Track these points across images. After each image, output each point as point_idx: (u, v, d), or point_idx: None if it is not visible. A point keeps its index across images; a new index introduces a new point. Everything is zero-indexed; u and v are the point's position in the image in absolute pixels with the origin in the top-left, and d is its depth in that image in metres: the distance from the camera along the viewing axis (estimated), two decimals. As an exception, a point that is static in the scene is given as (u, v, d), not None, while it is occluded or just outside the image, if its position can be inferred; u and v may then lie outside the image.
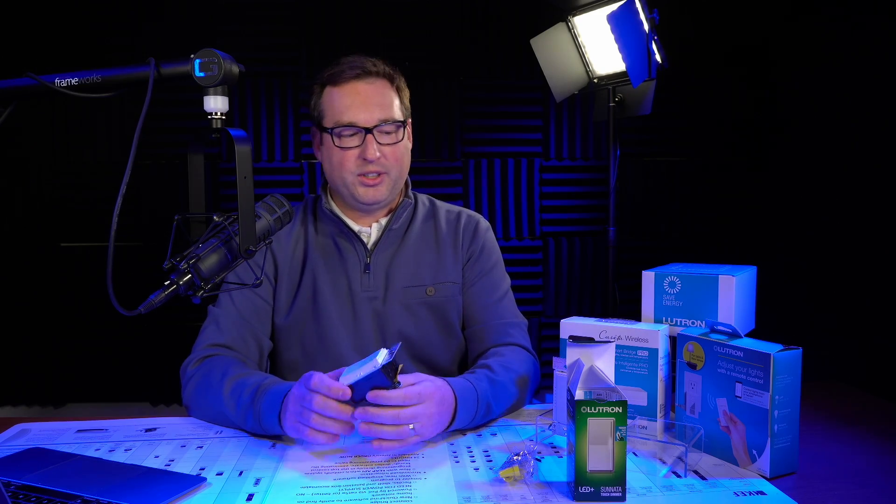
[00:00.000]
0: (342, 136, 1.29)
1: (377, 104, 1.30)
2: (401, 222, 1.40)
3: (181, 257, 0.94)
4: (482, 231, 1.44)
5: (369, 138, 1.28)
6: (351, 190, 1.32)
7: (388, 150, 1.31)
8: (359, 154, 1.29)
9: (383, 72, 1.33)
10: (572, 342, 1.10)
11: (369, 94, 1.30)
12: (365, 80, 1.30)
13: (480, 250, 1.41)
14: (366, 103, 1.29)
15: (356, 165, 1.30)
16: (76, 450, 1.06)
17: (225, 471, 0.98)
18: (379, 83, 1.32)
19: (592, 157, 2.93)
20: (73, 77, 0.93)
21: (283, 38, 2.81)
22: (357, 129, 1.29)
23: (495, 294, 1.40)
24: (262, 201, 1.07)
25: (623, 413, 0.86)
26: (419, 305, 1.35)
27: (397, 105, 1.34)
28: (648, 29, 1.92)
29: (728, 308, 1.09)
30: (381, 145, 1.30)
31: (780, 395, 0.93)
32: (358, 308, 1.34)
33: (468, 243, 1.41)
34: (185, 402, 1.25)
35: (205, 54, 0.92)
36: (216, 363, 1.23)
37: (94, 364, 2.83)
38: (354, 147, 1.29)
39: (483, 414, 1.14)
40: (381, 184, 1.32)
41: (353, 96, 1.29)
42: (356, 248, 1.37)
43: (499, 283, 1.42)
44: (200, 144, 1.01)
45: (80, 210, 2.79)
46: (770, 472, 0.93)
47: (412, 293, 1.35)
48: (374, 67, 1.32)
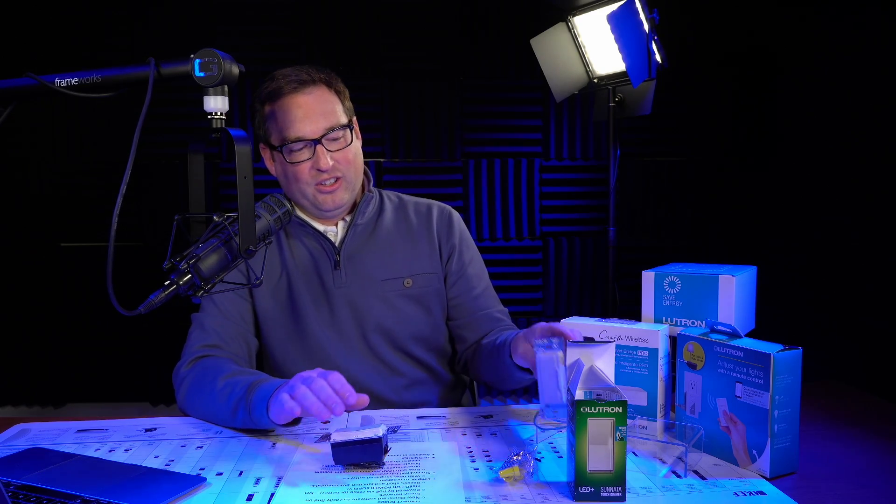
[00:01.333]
0: (293, 151, 1.31)
1: (320, 113, 1.30)
2: (367, 217, 1.42)
3: (181, 257, 0.94)
4: (457, 223, 1.48)
5: (319, 149, 1.29)
6: (311, 200, 1.34)
7: (340, 156, 1.32)
8: (311, 165, 1.31)
9: (319, 79, 1.34)
10: (572, 342, 1.10)
11: (310, 105, 1.30)
12: (303, 91, 1.31)
13: (460, 243, 1.45)
14: (308, 115, 1.29)
15: (311, 176, 1.31)
16: (76, 450, 1.05)
17: (225, 471, 0.98)
18: (317, 91, 1.32)
19: (592, 157, 2.93)
20: (73, 77, 0.93)
21: (283, 38, 2.81)
22: (306, 143, 1.30)
23: (478, 287, 1.45)
24: (262, 201, 1.07)
25: (623, 413, 0.85)
26: (398, 297, 1.38)
27: (340, 109, 1.34)
28: (648, 29, 1.92)
29: (728, 308, 1.09)
30: (332, 152, 1.31)
31: (780, 395, 0.93)
32: (334, 304, 1.37)
33: (445, 236, 1.44)
34: (181, 405, 1.26)
35: (205, 54, 0.92)
36: (209, 364, 1.24)
37: (94, 364, 2.83)
38: (306, 160, 1.31)
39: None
40: (338, 188, 1.33)
41: (294, 110, 1.30)
42: (324, 247, 1.39)
43: (479, 276, 1.47)
44: (200, 144, 1.01)
45: (80, 210, 2.79)
46: (770, 472, 0.93)
47: (390, 286, 1.38)
48: (310, 76, 1.33)
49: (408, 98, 2.85)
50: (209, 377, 1.20)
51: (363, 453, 0.96)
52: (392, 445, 1.04)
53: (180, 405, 1.26)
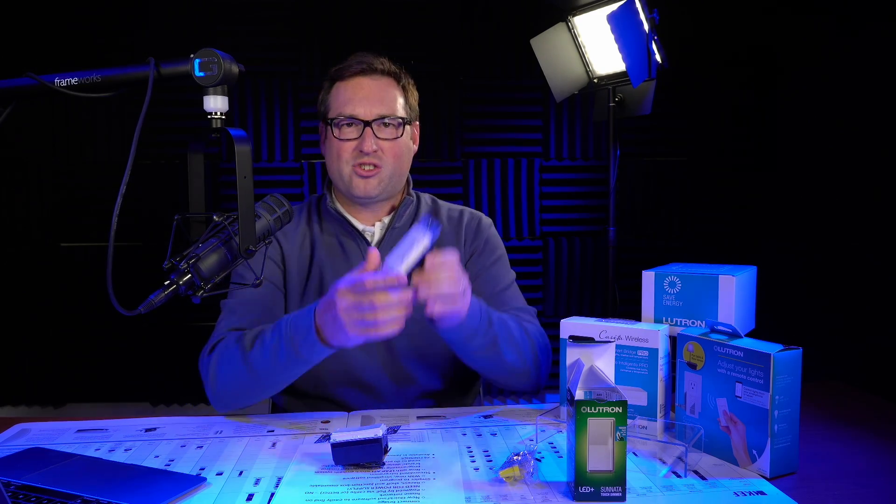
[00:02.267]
0: (341, 126, 1.32)
1: (378, 99, 1.32)
2: (403, 220, 1.40)
3: (181, 257, 0.94)
4: (484, 227, 1.44)
5: (367, 131, 1.31)
6: (346, 182, 1.34)
7: (387, 146, 1.32)
8: (356, 146, 1.31)
9: (389, 70, 1.36)
10: (572, 342, 1.10)
11: (372, 89, 1.33)
12: (369, 75, 1.34)
13: (483, 245, 1.42)
14: (367, 97, 1.32)
15: (353, 156, 1.32)
16: (76, 450, 1.05)
17: (225, 471, 0.98)
18: (384, 80, 1.35)
19: (592, 157, 2.93)
20: (72, 77, 0.93)
21: (283, 38, 2.81)
22: (356, 122, 1.31)
23: (499, 285, 1.39)
24: (262, 201, 1.07)
25: (623, 413, 0.85)
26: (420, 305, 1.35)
27: (401, 103, 1.36)
28: (648, 29, 1.92)
29: (728, 308, 1.09)
30: (380, 139, 1.32)
31: (780, 395, 0.93)
32: None
33: (471, 241, 1.42)
34: (212, 391, 1.21)
35: (204, 54, 0.92)
36: (230, 337, 1.22)
37: (94, 364, 2.83)
38: (353, 139, 1.32)
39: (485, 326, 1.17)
40: (374, 176, 1.32)
41: (355, 90, 1.32)
42: (360, 247, 1.37)
43: (502, 276, 1.41)
44: (200, 144, 1.01)
45: (80, 210, 2.79)
46: (770, 472, 0.93)
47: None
48: (381, 65, 1.35)
49: (408, 98, 2.84)
50: (232, 346, 1.18)
51: (363, 453, 0.96)
52: (392, 445, 1.04)
53: (212, 391, 1.21)
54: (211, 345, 1.25)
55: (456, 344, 1.19)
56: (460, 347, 1.20)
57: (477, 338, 1.17)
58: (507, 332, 1.22)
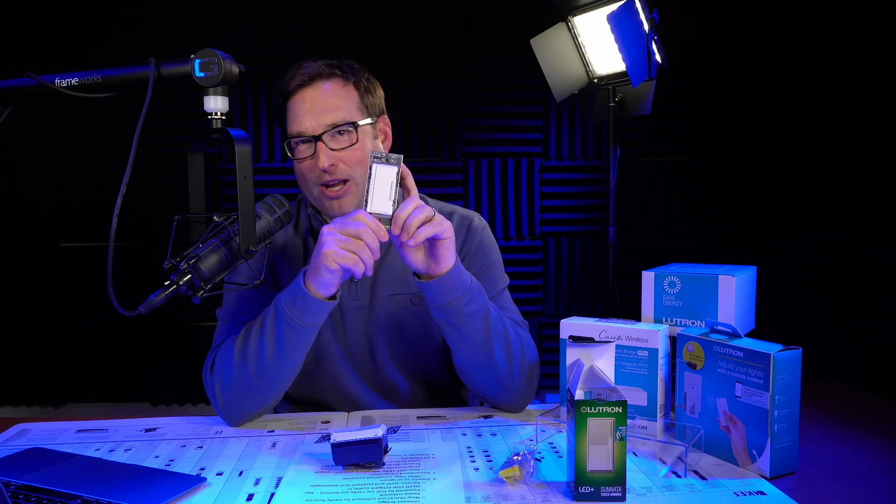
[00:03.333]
0: (295, 147, 1.25)
1: (325, 109, 1.23)
2: None
3: (181, 257, 0.94)
4: (476, 230, 1.36)
5: (319, 146, 1.21)
6: (319, 203, 1.28)
7: (345, 155, 1.23)
8: (313, 164, 1.23)
9: (334, 73, 1.26)
10: (572, 342, 1.10)
11: (316, 100, 1.23)
12: (312, 85, 1.24)
13: (475, 249, 1.34)
14: (312, 110, 1.22)
15: (316, 177, 1.24)
16: (76, 450, 1.05)
17: (225, 471, 0.98)
18: (329, 85, 1.24)
19: (592, 157, 2.93)
20: (73, 77, 0.93)
21: (283, 38, 2.81)
22: (308, 139, 1.23)
23: (492, 291, 1.31)
24: (262, 201, 1.07)
25: (623, 413, 0.85)
26: (403, 314, 1.31)
27: (354, 105, 1.26)
28: (648, 29, 1.92)
29: (728, 308, 1.09)
30: (336, 151, 1.22)
31: (780, 395, 0.93)
32: (347, 318, 1.30)
33: (461, 244, 1.34)
34: (220, 405, 1.18)
35: (205, 54, 0.92)
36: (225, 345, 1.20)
37: (94, 364, 2.84)
38: (309, 157, 1.23)
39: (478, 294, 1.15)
40: (346, 193, 1.24)
41: (300, 105, 1.24)
42: None
43: (495, 282, 1.33)
44: (200, 144, 1.01)
45: (80, 210, 2.79)
46: (770, 472, 0.93)
47: (396, 301, 1.31)
48: (325, 69, 1.26)
49: (408, 98, 2.85)
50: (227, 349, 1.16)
51: (363, 453, 0.96)
52: (392, 445, 1.04)
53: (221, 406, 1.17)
54: (210, 361, 1.21)
55: (449, 316, 1.13)
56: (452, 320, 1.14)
57: (470, 304, 1.13)
58: (502, 326, 1.18)
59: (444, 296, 1.12)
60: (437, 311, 1.14)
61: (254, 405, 1.19)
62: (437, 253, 1.09)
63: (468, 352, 1.19)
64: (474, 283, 1.16)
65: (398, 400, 1.35)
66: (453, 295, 1.12)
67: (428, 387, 1.37)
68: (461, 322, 1.14)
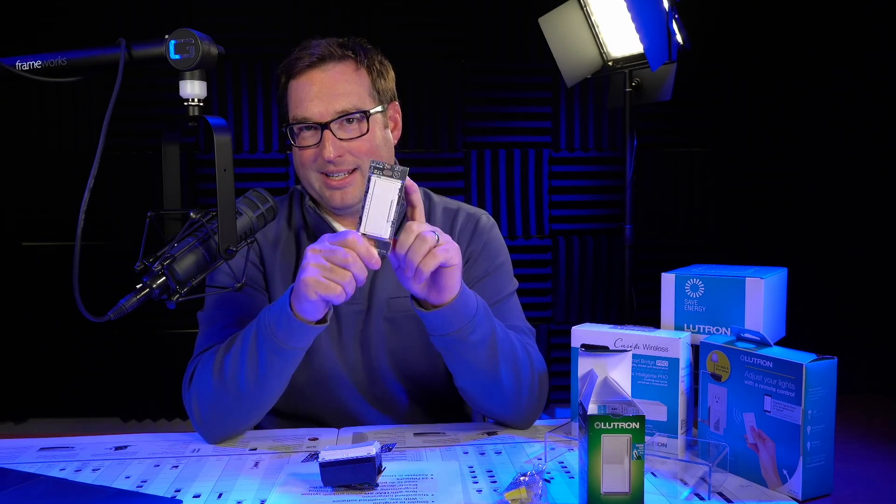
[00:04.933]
0: (299, 133, 1.26)
1: (335, 94, 1.23)
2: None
3: (155, 258, 0.94)
4: (483, 229, 1.37)
5: (326, 135, 1.23)
6: (319, 192, 1.29)
7: (354, 145, 1.25)
8: (317, 153, 1.25)
9: (346, 54, 1.26)
10: (585, 351, 1.10)
11: (326, 84, 1.23)
12: (321, 67, 1.24)
13: (481, 249, 1.35)
14: (321, 94, 1.23)
15: (318, 165, 1.25)
16: (39, 470, 1.05)
17: (203, 493, 0.98)
18: (340, 67, 1.25)
19: (607, 148, 2.93)
20: (35, 60, 0.93)
21: (267, 16, 2.81)
22: (312, 125, 1.24)
23: (497, 296, 1.32)
24: (244, 196, 1.07)
25: (640, 429, 0.86)
26: (403, 318, 1.31)
27: (366, 91, 1.27)
28: (669, 6, 1.92)
29: (756, 314, 1.09)
30: (343, 141, 1.24)
31: (813, 409, 0.93)
32: (342, 321, 1.31)
33: (467, 242, 1.35)
34: (197, 420, 1.18)
35: (180, 35, 0.92)
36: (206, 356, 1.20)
37: (59, 376, 2.84)
38: (313, 145, 1.25)
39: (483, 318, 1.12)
40: (350, 185, 1.26)
41: (306, 88, 1.24)
42: None
43: (502, 286, 1.34)
44: (176, 134, 1.01)
45: (43, 205, 2.79)
46: (802, 493, 0.93)
47: (396, 305, 1.31)
48: (336, 50, 1.26)
49: (404, 82, 2.83)
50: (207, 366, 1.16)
51: (355, 474, 0.96)
52: (387, 465, 1.04)
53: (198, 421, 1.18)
54: (190, 372, 1.21)
55: (451, 345, 1.12)
56: (455, 350, 1.13)
57: (476, 332, 1.11)
58: (509, 347, 1.17)
59: (446, 326, 1.10)
60: (438, 340, 1.13)
61: (234, 424, 1.19)
62: (441, 281, 1.04)
63: (472, 377, 1.18)
64: (480, 305, 1.12)
65: (396, 413, 1.35)
66: (457, 325, 1.09)
67: (429, 399, 1.37)
68: (465, 351, 1.13)
